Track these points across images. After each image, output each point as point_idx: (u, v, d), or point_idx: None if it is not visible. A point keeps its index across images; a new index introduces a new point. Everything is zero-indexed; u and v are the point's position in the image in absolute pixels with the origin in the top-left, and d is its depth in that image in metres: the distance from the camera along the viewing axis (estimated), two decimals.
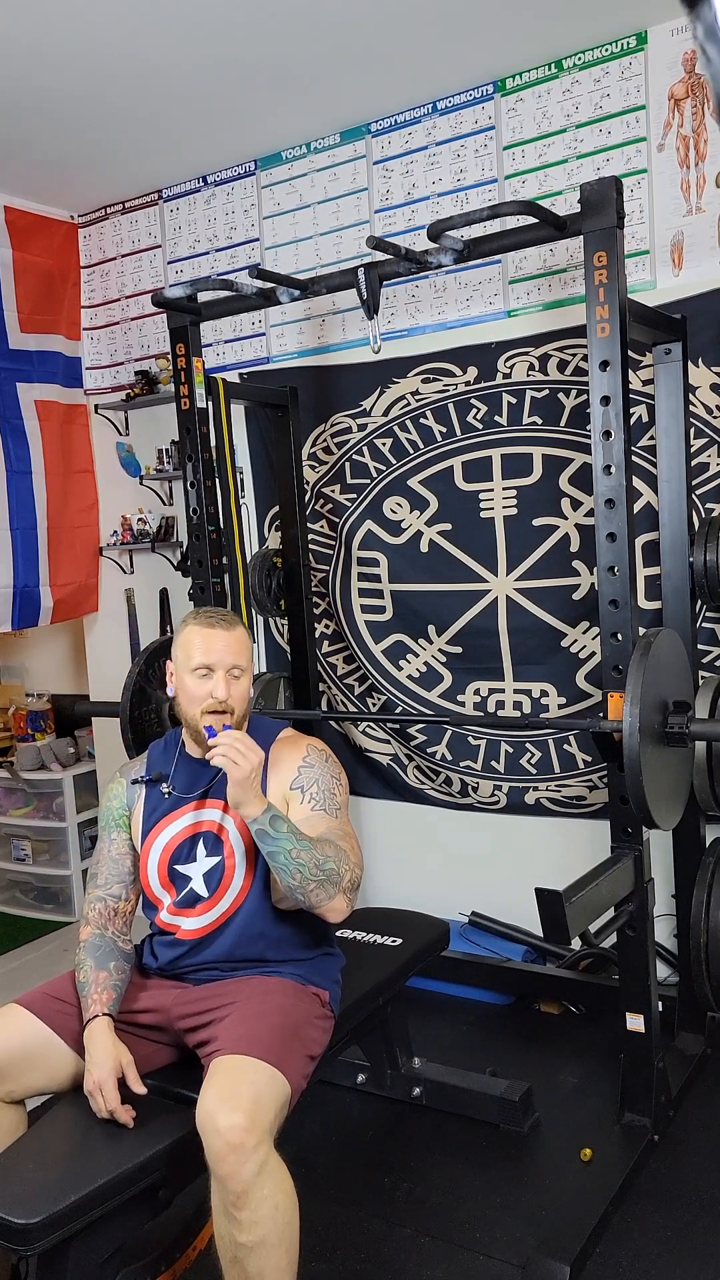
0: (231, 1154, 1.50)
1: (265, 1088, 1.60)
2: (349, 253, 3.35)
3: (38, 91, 2.93)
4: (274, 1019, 1.75)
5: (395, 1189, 2.25)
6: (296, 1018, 1.80)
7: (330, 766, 1.97)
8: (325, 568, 3.48)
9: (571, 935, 1.90)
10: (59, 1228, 1.52)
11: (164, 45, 2.70)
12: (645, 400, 2.80)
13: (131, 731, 2.79)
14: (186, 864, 1.93)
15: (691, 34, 2.37)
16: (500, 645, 3.18)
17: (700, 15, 0.54)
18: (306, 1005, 1.86)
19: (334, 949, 2.07)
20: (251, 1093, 1.57)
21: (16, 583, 3.74)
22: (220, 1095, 1.56)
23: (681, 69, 2.76)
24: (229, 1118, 1.52)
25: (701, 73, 2.72)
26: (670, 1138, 2.35)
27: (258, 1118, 1.54)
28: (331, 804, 1.92)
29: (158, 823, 1.98)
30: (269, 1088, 1.60)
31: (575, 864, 2.26)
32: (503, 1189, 2.24)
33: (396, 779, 3.49)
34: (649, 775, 2.04)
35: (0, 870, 4.49)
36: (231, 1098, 1.55)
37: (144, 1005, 1.91)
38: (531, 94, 2.98)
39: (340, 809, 1.93)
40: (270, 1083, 1.61)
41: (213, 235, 3.67)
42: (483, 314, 3.15)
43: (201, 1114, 1.55)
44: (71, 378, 4.02)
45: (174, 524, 3.86)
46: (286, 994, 1.84)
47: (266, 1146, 1.54)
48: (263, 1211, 1.53)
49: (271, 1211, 1.54)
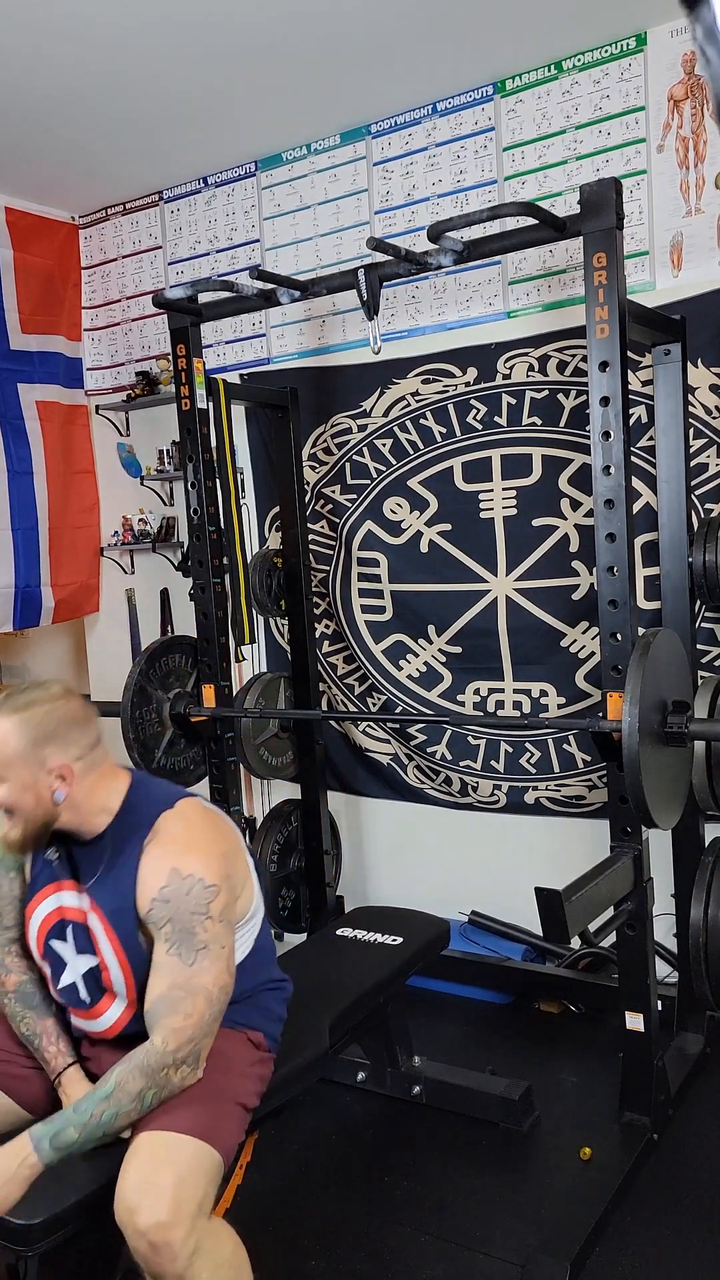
0: (155, 1255, 1.39)
1: (189, 1168, 1.47)
2: (349, 254, 3.36)
3: (38, 93, 2.93)
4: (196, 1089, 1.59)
5: (395, 1188, 2.25)
6: (227, 1072, 1.65)
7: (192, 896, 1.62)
8: (325, 568, 3.48)
9: (571, 934, 1.91)
10: (59, 1228, 1.52)
11: (164, 46, 2.71)
12: (644, 401, 2.80)
13: (133, 731, 2.80)
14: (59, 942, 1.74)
15: (691, 35, 2.38)
16: (500, 645, 3.18)
17: (700, 16, 0.54)
18: (236, 1054, 1.71)
19: (276, 982, 1.88)
20: (173, 1178, 1.43)
21: (18, 583, 3.74)
22: (139, 1187, 1.43)
23: (681, 70, 2.76)
24: (150, 1215, 1.39)
25: (701, 74, 2.73)
26: (670, 1136, 2.35)
27: (182, 1206, 1.41)
28: (188, 945, 1.61)
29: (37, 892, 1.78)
30: (194, 1166, 1.48)
31: (575, 863, 2.26)
32: (502, 1188, 2.24)
33: (396, 778, 3.49)
34: (648, 775, 2.04)
35: None
36: (151, 1189, 1.42)
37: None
38: (531, 95, 2.99)
39: (203, 948, 1.61)
40: (195, 1160, 1.49)
41: (213, 236, 3.67)
42: (482, 315, 3.15)
43: (120, 1209, 1.42)
44: (72, 378, 4.03)
45: (175, 524, 3.87)
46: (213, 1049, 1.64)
47: (196, 1232, 1.42)
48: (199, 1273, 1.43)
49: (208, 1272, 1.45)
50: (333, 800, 3.52)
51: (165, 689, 2.92)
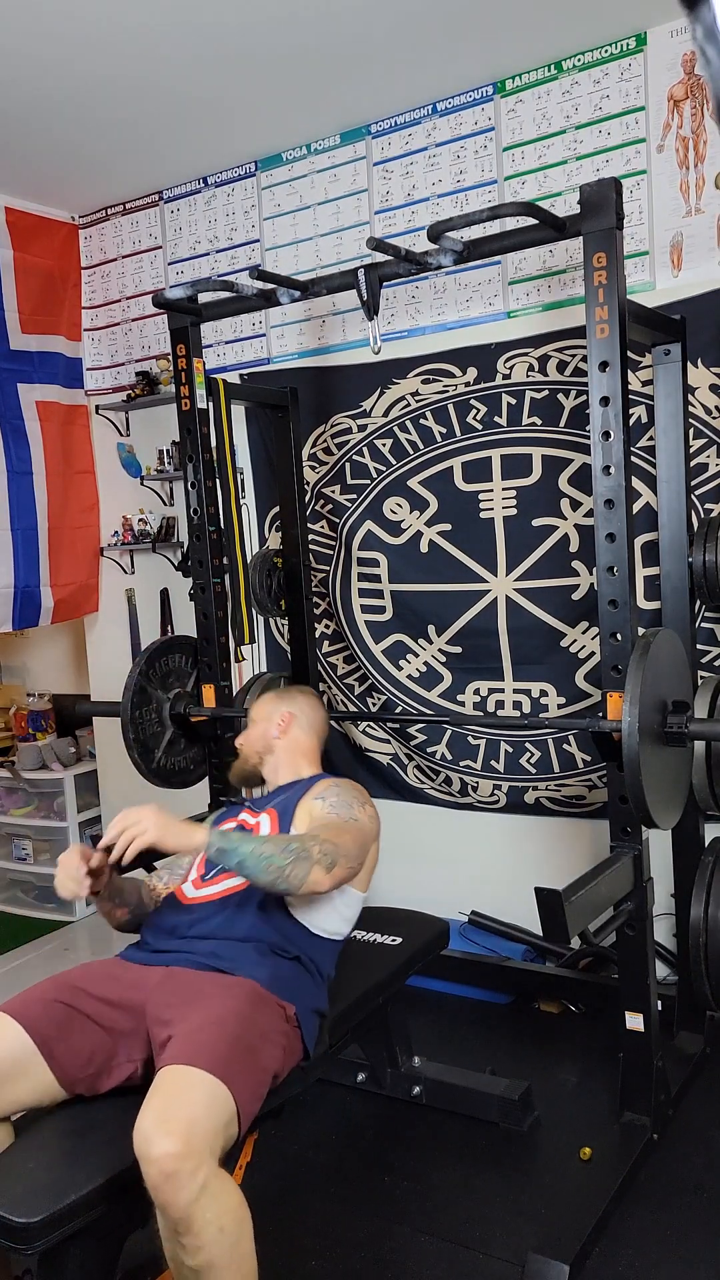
0: (166, 1183, 1.46)
1: (204, 1108, 1.54)
2: (349, 254, 3.36)
3: (38, 93, 2.94)
4: (230, 1027, 1.70)
5: (395, 1188, 2.26)
6: (255, 1030, 1.75)
7: (355, 794, 2.16)
8: (325, 568, 3.49)
9: (571, 934, 1.91)
10: (59, 1227, 1.52)
11: (164, 46, 2.71)
12: (644, 401, 2.80)
13: (133, 731, 2.80)
14: None
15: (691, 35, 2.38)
16: (500, 645, 3.18)
17: (699, 16, 0.54)
18: (268, 1018, 1.81)
19: (321, 975, 2.03)
20: (188, 1114, 1.51)
21: (17, 583, 3.74)
22: (156, 1119, 1.51)
23: (681, 70, 2.77)
24: (162, 1144, 1.47)
25: (701, 74, 2.73)
26: (670, 1136, 2.35)
27: (194, 1142, 1.48)
28: (346, 811, 2.07)
29: (220, 821, 2.25)
30: (209, 1107, 1.55)
31: (575, 863, 2.27)
32: (502, 1188, 2.24)
33: (396, 778, 3.49)
34: (648, 775, 2.04)
35: (1, 870, 4.49)
36: (166, 1121, 1.50)
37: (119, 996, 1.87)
38: (531, 95, 2.99)
39: (352, 820, 2.06)
40: (211, 1101, 1.56)
41: (213, 236, 3.67)
42: (482, 315, 3.16)
43: (137, 1138, 1.50)
44: (72, 378, 4.03)
45: (175, 524, 3.87)
46: (248, 1002, 1.79)
47: (206, 1169, 1.49)
48: (207, 1236, 1.49)
49: (216, 1235, 1.50)
50: None
51: (165, 689, 2.92)
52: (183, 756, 2.98)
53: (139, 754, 2.82)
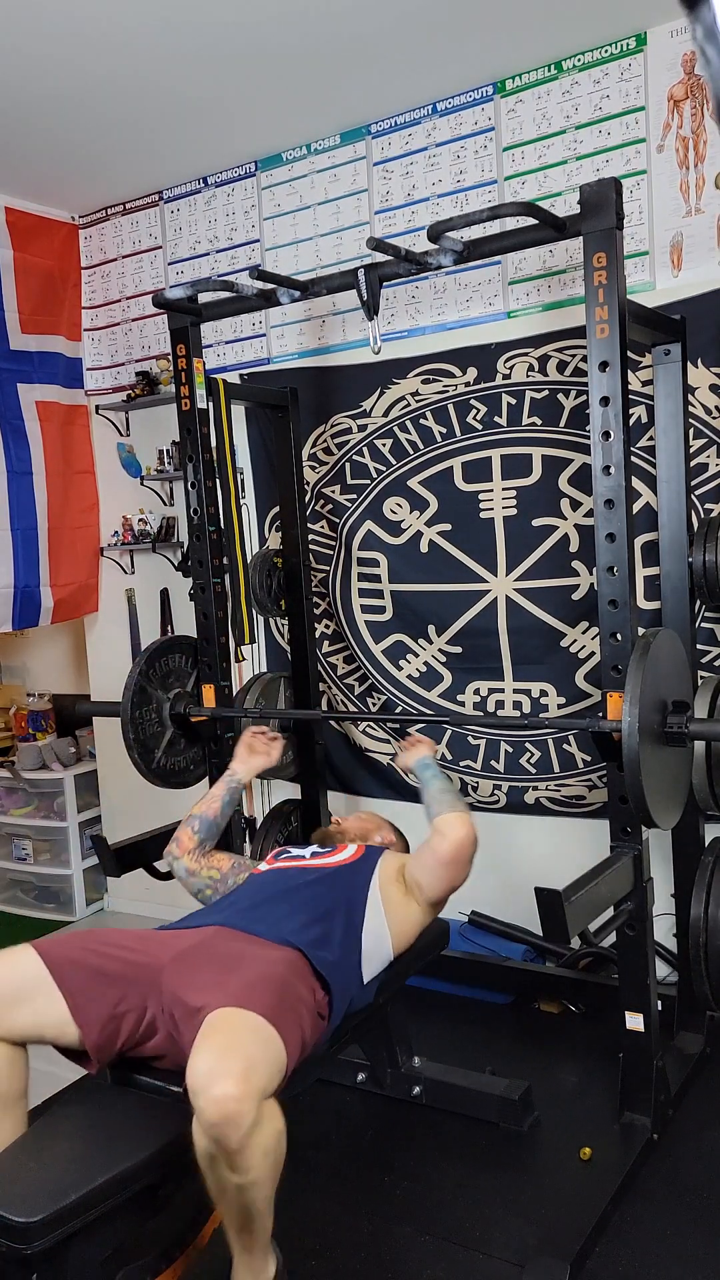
0: (225, 1122, 1.49)
1: (261, 1051, 1.59)
2: (349, 254, 3.36)
3: (38, 93, 2.94)
4: (277, 983, 1.76)
5: (395, 1188, 2.25)
6: (295, 994, 1.81)
7: None
8: (325, 568, 3.49)
9: (571, 934, 1.91)
10: (59, 1226, 1.52)
11: (164, 46, 2.71)
12: (644, 401, 2.80)
13: (133, 731, 2.80)
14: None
15: (691, 35, 2.38)
16: (500, 645, 3.18)
17: (699, 16, 0.54)
18: (304, 989, 1.87)
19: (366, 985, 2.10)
20: (246, 1054, 1.55)
21: (17, 583, 3.74)
22: (214, 1057, 1.53)
23: (681, 70, 2.77)
24: (222, 1085, 1.49)
25: (701, 74, 2.73)
26: (670, 1136, 2.35)
27: (252, 1081, 1.52)
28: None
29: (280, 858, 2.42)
30: (265, 1050, 1.60)
31: (575, 863, 2.26)
32: (502, 1188, 2.24)
33: (396, 778, 3.49)
34: (648, 775, 2.04)
35: (1, 870, 4.49)
36: (224, 1060, 1.53)
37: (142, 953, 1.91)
38: (531, 95, 2.99)
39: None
40: (267, 1045, 1.61)
41: (213, 236, 3.67)
42: (482, 315, 3.15)
43: (193, 1076, 1.52)
44: (72, 378, 4.03)
45: (175, 524, 3.87)
46: (289, 969, 1.86)
47: (259, 1108, 1.53)
48: (254, 1159, 1.54)
49: (262, 1158, 1.56)
50: (333, 800, 3.52)
51: (165, 689, 2.92)
52: (183, 756, 2.98)
53: (139, 754, 2.82)
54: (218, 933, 1.99)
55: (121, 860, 2.74)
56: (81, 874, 4.28)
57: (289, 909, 2.06)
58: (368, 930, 2.11)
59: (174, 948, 1.94)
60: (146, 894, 4.00)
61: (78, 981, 1.81)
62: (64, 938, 1.93)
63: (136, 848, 2.79)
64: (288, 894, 2.13)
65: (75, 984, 1.81)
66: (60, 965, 1.82)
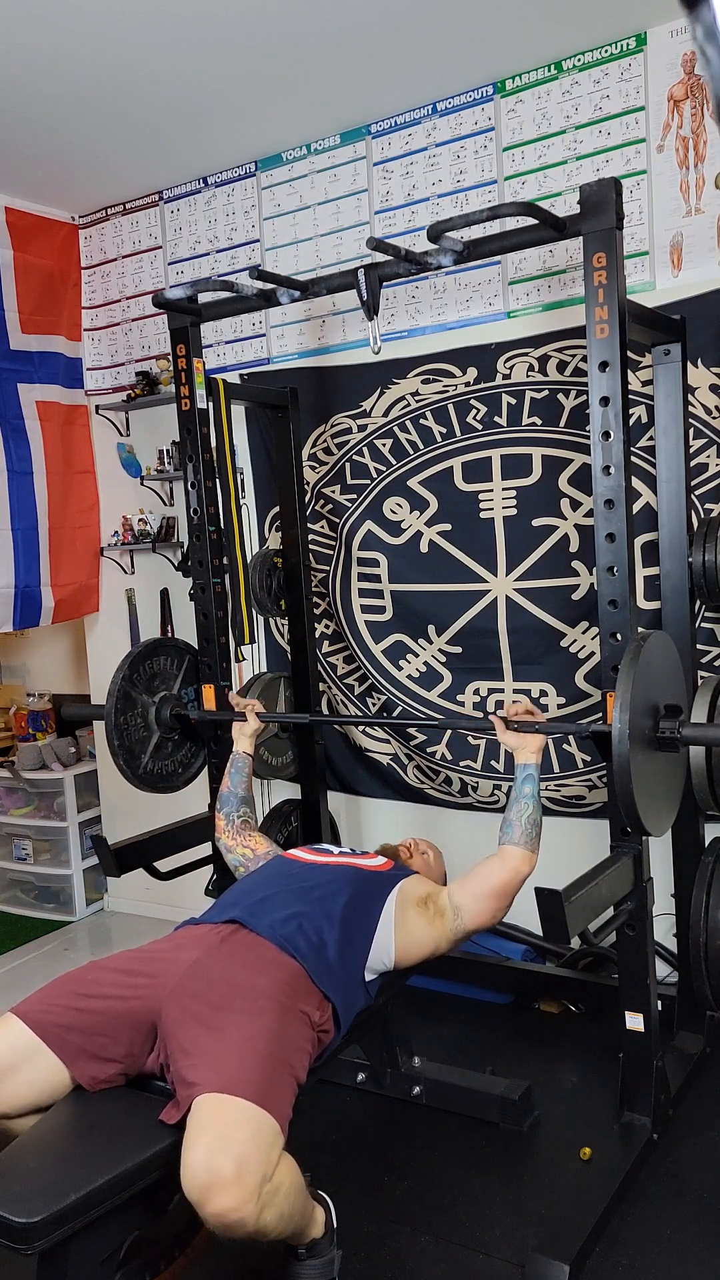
0: (229, 1229, 1.52)
1: (252, 1141, 1.56)
2: (349, 254, 3.36)
3: (38, 93, 2.94)
4: (261, 1045, 1.71)
5: (395, 1188, 2.26)
6: (285, 1045, 1.77)
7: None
8: (325, 568, 3.49)
9: (571, 934, 1.91)
10: (59, 1226, 1.52)
11: (164, 46, 2.71)
12: (644, 401, 2.80)
13: (117, 737, 2.77)
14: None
15: (691, 35, 2.39)
16: (500, 645, 3.18)
17: (699, 16, 0.54)
18: (295, 1029, 1.83)
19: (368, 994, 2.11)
20: (238, 1154, 1.52)
21: (17, 583, 3.74)
22: (205, 1164, 1.51)
23: (681, 70, 2.77)
24: (218, 1202, 1.49)
25: (701, 74, 2.73)
26: (670, 1136, 2.35)
27: (248, 1181, 1.51)
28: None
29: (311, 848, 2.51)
30: (256, 1138, 1.57)
31: (575, 863, 2.26)
32: (502, 1188, 2.24)
33: (396, 778, 3.49)
34: (639, 780, 1.99)
35: (1, 870, 4.49)
36: (217, 1166, 1.51)
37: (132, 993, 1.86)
38: (531, 95, 2.99)
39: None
40: (258, 1132, 1.58)
41: (213, 236, 3.67)
42: (482, 315, 3.16)
43: (189, 1188, 1.52)
44: (72, 378, 4.03)
45: (175, 524, 3.87)
46: (277, 1017, 1.80)
47: (262, 1198, 1.53)
48: (271, 1227, 1.58)
49: (279, 1221, 1.59)
50: (333, 800, 3.52)
51: (151, 693, 2.89)
52: (170, 760, 2.96)
53: (124, 759, 2.79)
54: (221, 947, 1.95)
55: (121, 860, 2.73)
56: (81, 874, 4.28)
57: (303, 907, 2.06)
58: (376, 943, 2.11)
59: (170, 976, 1.87)
60: (146, 894, 4.00)
61: (71, 1040, 1.78)
62: (47, 993, 1.87)
63: (136, 848, 2.78)
64: (304, 891, 2.13)
65: (67, 1044, 1.77)
66: (48, 1029, 1.78)
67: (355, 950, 2.08)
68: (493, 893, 2.15)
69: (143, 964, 1.94)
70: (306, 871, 2.23)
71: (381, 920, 2.14)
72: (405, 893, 2.21)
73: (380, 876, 2.25)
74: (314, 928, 2.02)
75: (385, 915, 2.15)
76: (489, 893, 2.16)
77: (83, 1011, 1.81)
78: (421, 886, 2.25)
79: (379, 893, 2.19)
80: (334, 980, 1.98)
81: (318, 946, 1.99)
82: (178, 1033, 1.77)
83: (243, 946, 1.96)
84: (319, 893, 2.13)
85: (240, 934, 2.00)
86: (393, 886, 2.21)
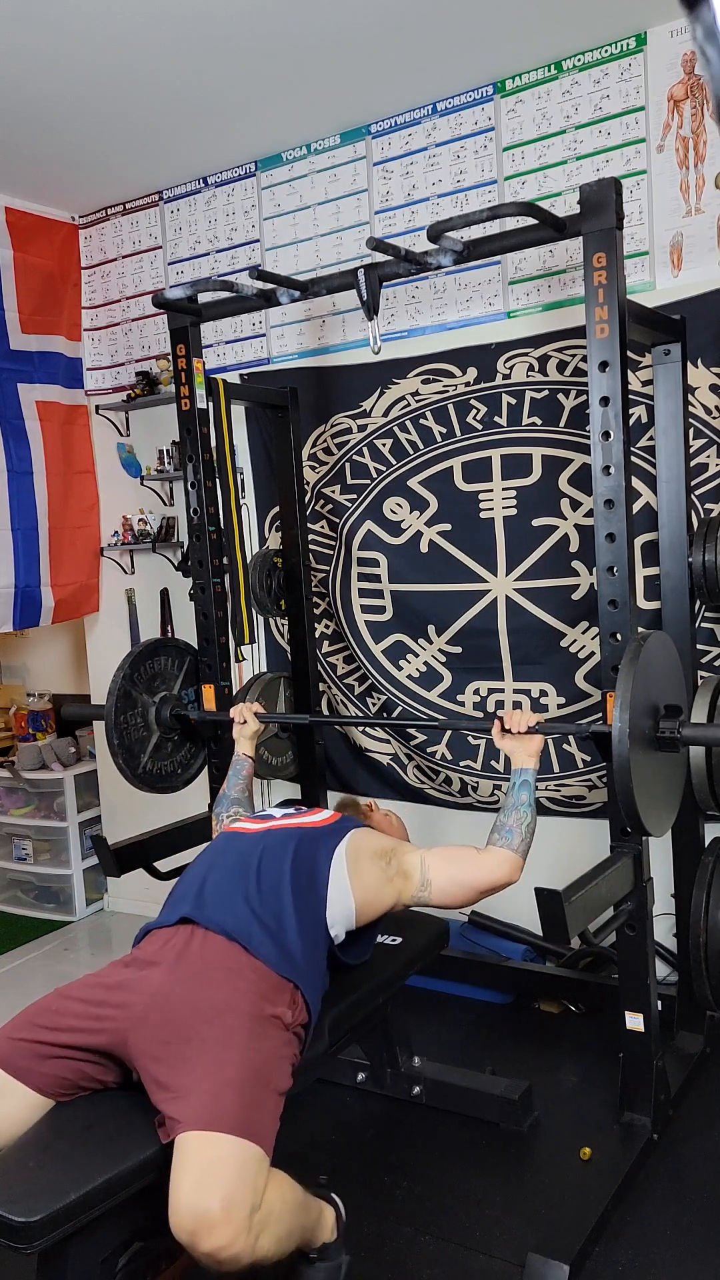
0: (222, 1266, 1.51)
1: (238, 1177, 1.54)
2: (349, 254, 3.36)
3: (38, 93, 2.94)
4: (234, 1072, 1.67)
5: (395, 1188, 2.26)
6: (261, 1062, 1.72)
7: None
8: (325, 568, 3.49)
9: (571, 934, 1.91)
10: (59, 1226, 1.52)
11: (164, 46, 2.71)
12: (644, 401, 2.80)
13: (117, 736, 2.77)
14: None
15: (691, 35, 2.38)
16: (500, 645, 3.18)
17: (699, 16, 0.54)
18: (270, 1041, 1.78)
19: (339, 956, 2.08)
20: (224, 1193, 1.51)
21: (17, 583, 3.74)
22: (192, 1207, 1.50)
23: (681, 70, 2.77)
24: (208, 1241, 1.48)
25: (701, 74, 2.73)
26: (670, 1136, 2.35)
27: (236, 1219, 1.50)
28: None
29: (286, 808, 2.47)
30: (241, 1172, 1.55)
31: (575, 863, 2.26)
32: (502, 1188, 2.24)
33: (396, 778, 3.49)
34: (639, 781, 1.99)
35: (1, 870, 4.49)
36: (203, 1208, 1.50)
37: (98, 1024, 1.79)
38: (531, 95, 2.99)
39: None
40: (242, 1166, 1.56)
41: (213, 236, 3.67)
42: (482, 315, 3.16)
43: (178, 1231, 1.51)
44: (72, 378, 4.03)
45: (175, 524, 3.87)
46: (248, 1035, 1.75)
47: (254, 1228, 1.52)
48: (268, 1252, 1.57)
49: (274, 1244, 1.58)
50: (332, 800, 3.52)
51: (151, 692, 2.89)
52: (170, 760, 2.96)
53: (123, 759, 2.79)
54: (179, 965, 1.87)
55: (121, 860, 2.73)
56: (81, 874, 4.28)
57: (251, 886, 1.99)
58: (332, 899, 2.03)
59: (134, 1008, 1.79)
60: (146, 894, 3.99)
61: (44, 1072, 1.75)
62: (13, 1027, 1.82)
63: (136, 847, 2.78)
64: (247, 867, 2.04)
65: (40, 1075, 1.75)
66: (17, 1066, 1.75)
67: (312, 917, 1.99)
68: (474, 887, 2.10)
69: (108, 994, 1.86)
70: (250, 843, 2.12)
71: (332, 875, 2.04)
72: (357, 843, 2.11)
73: (322, 830, 2.15)
74: (269, 910, 1.94)
75: (336, 868, 2.05)
76: (470, 885, 2.10)
77: (49, 1045, 1.77)
78: (376, 840, 2.16)
79: (323, 848, 2.09)
80: (297, 964, 1.91)
81: (276, 932, 1.92)
82: (149, 1066, 1.73)
83: (201, 957, 1.88)
84: (263, 864, 2.04)
85: (197, 938, 1.91)
86: (339, 839, 2.11)
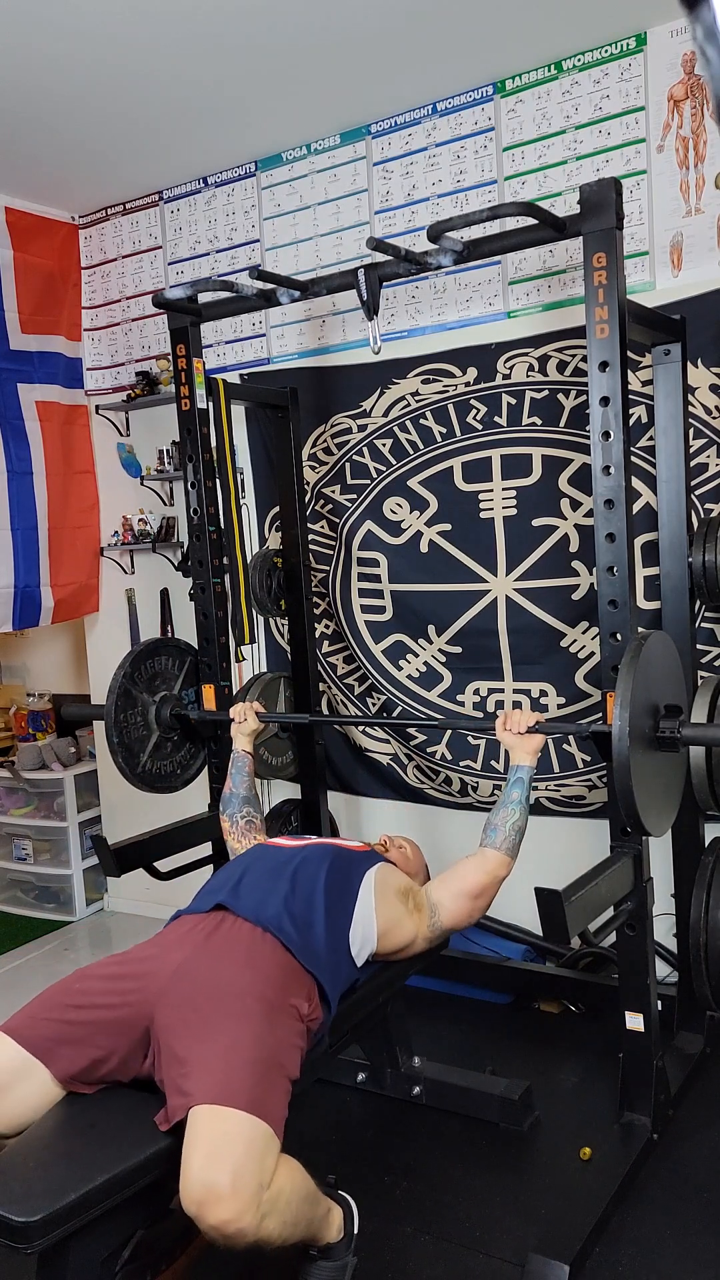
0: (228, 1240, 1.53)
1: (246, 1154, 1.56)
2: (349, 254, 3.36)
3: (38, 93, 2.94)
4: (250, 1051, 1.70)
5: (395, 1188, 2.26)
6: (275, 1046, 1.76)
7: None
8: (325, 568, 3.49)
9: (571, 934, 1.91)
10: (59, 1225, 1.52)
11: (164, 46, 2.71)
12: (644, 401, 2.80)
13: (117, 735, 2.77)
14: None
15: (691, 35, 2.38)
16: (500, 645, 3.18)
17: (699, 16, 0.54)
18: (284, 1027, 1.81)
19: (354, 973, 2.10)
20: (233, 1167, 1.53)
21: (17, 583, 3.74)
22: (202, 1181, 1.52)
23: (681, 70, 2.77)
24: (215, 1214, 1.50)
25: (701, 74, 2.73)
26: (670, 1136, 2.35)
27: (244, 1194, 1.52)
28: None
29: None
30: (250, 1149, 1.56)
31: (575, 863, 2.26)
32: (502, 1188, 2.24)
33: (396, 778, 3.49)
34: (639, 780, 1.99)
35: (1, 870, 4.49)
36: (213, 1181, 1.52)
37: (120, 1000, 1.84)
38: (531, 95, 2.99)
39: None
40: (251, 1142, 1.57)
41: (213, 236, 3.67)
42: (482, 315, 3.16)
43: (187, 1201, 1.53)
44: (72, 378, 4.03)
45: (175, 524, 3.87)
46: (265, 1018, 1.78)
47: (261, 1206, 1.54)
48: (274, 1233, 1.58)
49: (281, 1227, 1.59)
50: (333, 800, 3.52)
51: (151, 692, 2.89)
52: (170, 760, 2.96)
53: (123, 758, 2.79)
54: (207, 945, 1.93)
55: (121, 860, 2.73)
56: (81, 874, 4.28)
57: (287, 883, 2.07)
58: (358, 917, 2.10)
59: (158, 980, 1.84)
60: (146, 894, 4.00)
61: (63, 1054, 1.77)
62: (35, 1007, 1.84)
63: (136, 847, 2.78)
64: (285, 866, 2.13)
65: (59, 1058, 1.76)
66: (38, 1045, 1.76)
67: (340, 923, 2.07)
68: (470, 893, 2.19)
69: (130, 968, 1.91)
70: (288, 854, 2.21)
71: (361, 895, 2.13)
72: (383, 878, 2.21)
73: (357, 855, 2.25)
74: (301, 904, 2.02)
75: (365, 891, 2.14)
76: (466, 893, 2.19)
77: (73, 1024, 1.79)
78: (399, 877, 2.26)
79: (357, 868, 2.19)
80: (320, 960, 1.97)
81: (304, 926, 1.99)
82: (168, 1039, 1.76)
83: (229, 939, 1.94)
84: (301, 866, 2.12)
85: (227, 923, 1.98)
86: (370, 865, 2.21)
